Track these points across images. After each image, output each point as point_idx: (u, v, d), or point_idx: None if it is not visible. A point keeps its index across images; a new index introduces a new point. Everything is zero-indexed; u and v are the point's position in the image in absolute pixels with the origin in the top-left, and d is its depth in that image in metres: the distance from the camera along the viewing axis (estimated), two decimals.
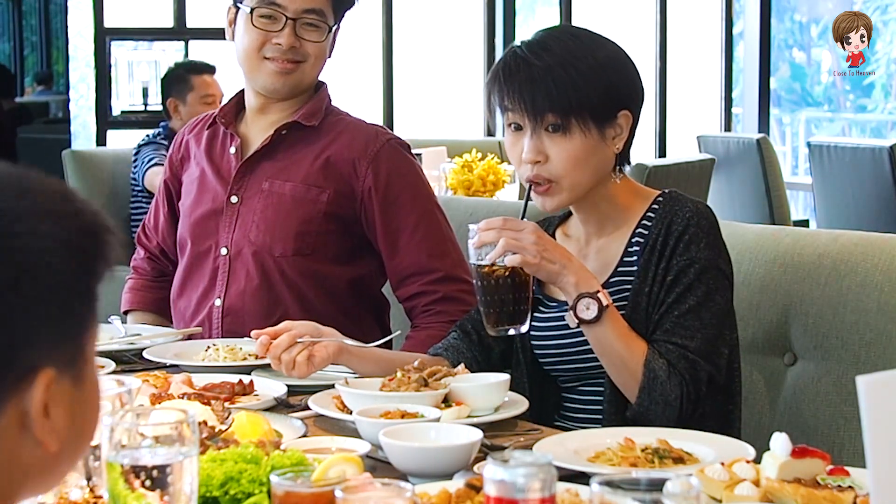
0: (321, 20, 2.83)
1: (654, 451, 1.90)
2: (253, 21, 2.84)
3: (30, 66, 11.22)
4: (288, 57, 2.82)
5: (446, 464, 1.85)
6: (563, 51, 2.25)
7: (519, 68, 2.26)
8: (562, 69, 2.24)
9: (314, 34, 2.83)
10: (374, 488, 1.47)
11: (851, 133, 11.63)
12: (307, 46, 2.83)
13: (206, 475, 1.64)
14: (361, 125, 2.89)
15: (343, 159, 2.82)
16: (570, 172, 2.27)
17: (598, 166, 2.29)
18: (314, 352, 2.36)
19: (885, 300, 2.36)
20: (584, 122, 2.24)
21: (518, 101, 2.25)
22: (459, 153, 5.13)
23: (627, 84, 2.31)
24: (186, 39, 7.21)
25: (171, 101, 5.72)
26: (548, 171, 2.27)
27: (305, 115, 2.85)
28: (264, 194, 2.84)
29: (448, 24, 7.98)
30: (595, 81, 2.25)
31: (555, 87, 2.23)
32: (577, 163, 2.26)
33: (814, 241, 2.51)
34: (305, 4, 2.82)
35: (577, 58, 2.24)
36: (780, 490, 1.67)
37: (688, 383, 2.18)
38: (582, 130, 2.25)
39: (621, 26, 8.10)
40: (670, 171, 5.35)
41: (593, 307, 2.18)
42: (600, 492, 1.31)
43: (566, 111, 2.24)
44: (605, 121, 2.27)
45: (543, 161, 2.27)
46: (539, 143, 2.26)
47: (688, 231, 2.25)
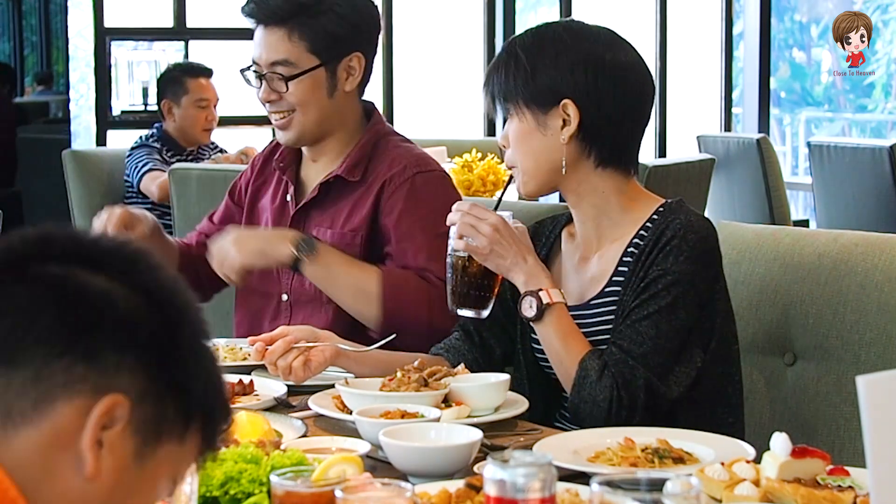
0: (287, 70, 2.79)
1: (654, 451, 1.90)
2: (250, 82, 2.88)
3: (30, 66, 11.22)
4: (274, 110, 2.83)
5: (446, 464, 1.86)
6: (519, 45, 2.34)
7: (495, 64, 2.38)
8: (513, 60, 2.33)
9: (281, 85, 2.80)
10: (374, 488, 1.47)
11: (851, 133, 11.63)
12: (287, 97, 2.81)
13: (206, 475, 1.64)
14: (397, 160, 2.82)
15: (371, 200, 2.79)
16: (515, 154, 2.35)
17: (540, 151, 2.32)
18: (311, 357, 2.36)
19: (885, 300, 2.36)
20: (517, 107, 2.32)
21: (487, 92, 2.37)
22: (459, 153, 5.13)
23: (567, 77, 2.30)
24: (186, 39, 7.21)
25: (166, 102, 5.69)
26: (509, 154, 2.37)
27: (348, 169, 2.81)
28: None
29: (448, 24, 7.98)
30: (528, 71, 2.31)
31: (503, 77, 2.33)
32: (518, 145, 2.34)
33: (814, 241, 2.51)
34: (271, 56, 2.81)
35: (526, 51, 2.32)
36: (780, 490, 1.67)
37: (619, 387, 2.17)
38: (517, 114, 2.33)
39: (621, 26, 8.09)
40: (670, 171, 5.34)
41: (534, 305, 2.24)
42: (600, 492, 1.31)
43: (504, 97, 2.33)
44: (539, 106, 2.31)
45: (506, 145, 2.37)
46: (504, 130, 2.38)
47: (671, 242, 2.23)
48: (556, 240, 2.45)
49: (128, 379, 1.14)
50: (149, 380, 1.15)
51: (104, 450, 1.12)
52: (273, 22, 2.80)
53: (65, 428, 1.12)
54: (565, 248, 2.43)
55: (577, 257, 2.39)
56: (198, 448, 1.21)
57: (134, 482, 1.15)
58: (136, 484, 1.15)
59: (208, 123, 5.70)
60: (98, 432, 1.12)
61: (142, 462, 1.15)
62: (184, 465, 1.21)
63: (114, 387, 1.12)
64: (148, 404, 1.15)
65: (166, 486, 1.20)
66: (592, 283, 2.35)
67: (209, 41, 7.26)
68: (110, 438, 1.12)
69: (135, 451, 1.14)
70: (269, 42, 2.81)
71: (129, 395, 1.13)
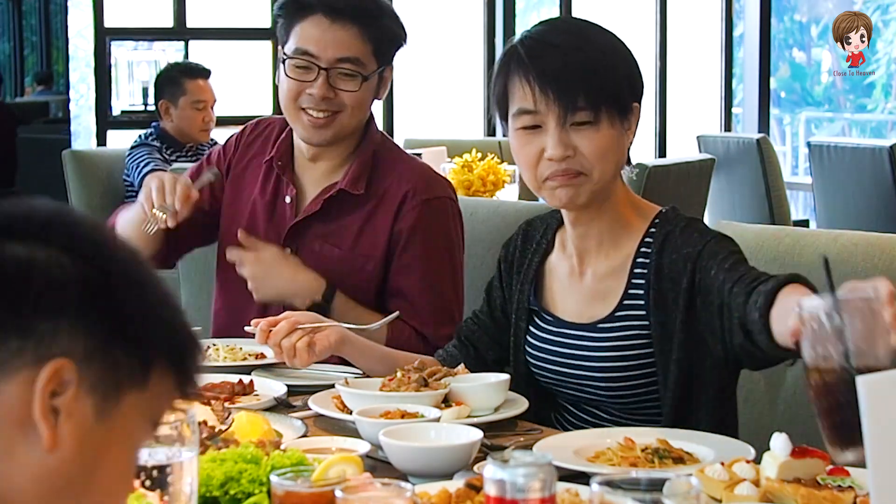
0: (357, 69, 2.72)
1: (654, 451, 1.90)
2: (286, 71, 2.75)
3: (30, 66, 11.23)
4: (322, 108, 2.72)
5: (446, 464, 1.86)
6: (597, 37, 2.19)
7: (547, 55, 2.16)
8: (601, 55, 2.16)
9: (349, 83, 2.72)
10: (374, 488, 1.47)
11: (851, 133, 11.63)
12: (343, 96, 2.72)
13: (206, 475, 1.64)
14: (405, 177, 2.76)
15: (384, 225, 2.74)
16: (600, 163, 2.17)
17: (619, 159, 2.22)
18: (315, 340, 2.33)
19: None
20: (611, 111, 2.17)
21: (540, 95, 2.15)
22: (459, 153, 5.13)
23: (639, 77, 2.24)
24: (186, 39, 7.22)
25: (163, 102, 5.70)
26: (579, 163, 2.17)
27: (351, 182, 2.74)
28: (315, 255, 2.75)
29: (448, 24, 7.98)
30: (621, 71, 2.19)
31: (590, 73, 2.15)
32: (606, 153, 2.17)
33: (814, 241, 2.51)
34: (339, 52, 2.71)
35: (609, 46, 2.19)
36: (780, 490, 1.67)
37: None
38: (609, 120, 2.17)
39: (621, 26, 8.09)
40: (670, 171, 5.34)
41: None
42: (600, 492, 1.32)
43: (597, 99, 2.15)
44: (624, 110, 2.20)
45: (573, 154, 2.17)
46: (566, 138, 2.16)
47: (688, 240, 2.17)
48: (549, 246, 2.37)
49: (68, 341, 1.11)
50: (91, 337, 1.12)
51: (61, 416, 1.10)
52: (346, 17, 2.71)
53: (13, 405, 1.10)
54: (558, 257, 2.35)
55: (568, 270, 2.32)
56: (173, 387, 1.18)
57: (101, 440, 1.13)
58: (105, 441, 1.13)
59: (205, 125, 5.71)
60: (48, 401, 1.09)
61: (105, 418, 1.13)
62: (158, 407, 1.19)
63: (54, 353, 1.10)
64: (96, 361, 1.12)
65: (144, 432, 1.18)
66: (595, 302, 2.27)
67: (209, 41, 7.26)
68: (65, 404, 1.10)
69: (95, 409, 1.12)
70: (339, 38, 2.71)
71: (72, 358, 1.10)
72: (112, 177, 5.68)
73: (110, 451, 1.14)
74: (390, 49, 2.79)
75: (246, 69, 7.30)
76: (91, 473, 1.13)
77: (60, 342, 1.10)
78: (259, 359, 2.61)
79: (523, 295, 2.36)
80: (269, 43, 7.26)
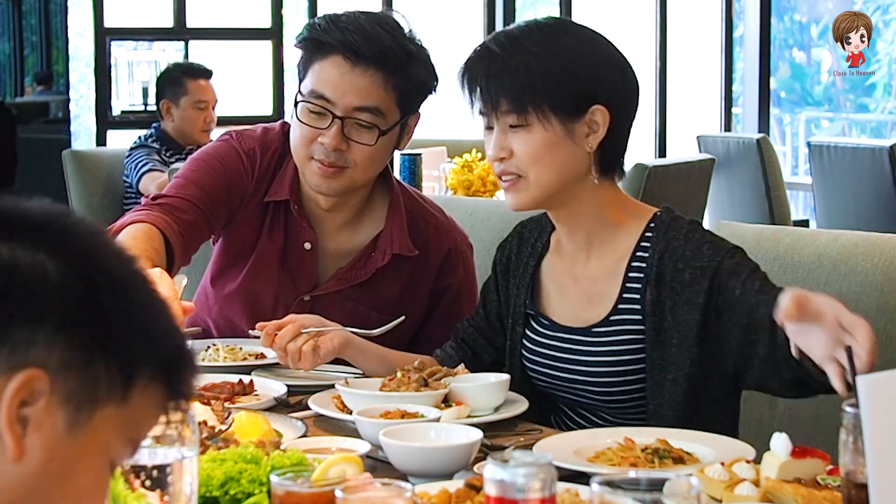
0: (374, 121, 2.51)
1: (654, 451, 1.90)
2: (299, 114, 2.54)
3: (30, 66, 11.21)
4: (331, 160, 2.51)
5: (446, 464, 1.85)
6: (527, 41, 2.16)
7: (479, 62, 2.19)
8: (520, 59, 2.15)
9: (364, 135, 2.51)
10: (374, 488, 1.47)
11: (851, 133, 11.63)
12: (355, 150, 2.52)
13: (206, 475, 1.64)
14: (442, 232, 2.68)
15: (426, 282, 2.66)
16: (533, 167, 2.16)
17: (566, 163, 2.17)
18: (320, 343, 2.33)
19: (885, 300, 2.36)
20: (542, 115, 2.15)
21: (480, 97, 2.18)
22: (459, 153, 5.13)
23: (602, 79, 2.18)
24: (186, 39, 7.22)
25: (165, 102, 5.72)
26: (514, 165, 2.18)
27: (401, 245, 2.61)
28: (347, 313, 2.58)
29: (448, 23, 7.98)
30: (557, 72, 2.15)
31: (509, 77, 2.14)
32: (540, 157, 2.16)
33: (814, 241, 2.51)
34: (358, 101, 2.50)
35: (541, 48, 2.15)
36: (780, 490, 1.67)
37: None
38: (541, 122, 2.15)
39: (621, 26, 8.09)
40: (670, 171, 5.34)
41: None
42: (600, 492, 1.31)
43: (521, 102, 2.14)
44: (570, 114, 2.16)
45: (508, 157, 2.18)
46: (503, 139, 2.18)
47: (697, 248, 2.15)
48: (544, 248, 2.36)
49: (44, 351, 1.07)
50: (70, 348, 1.08)
51: (30, 427, 1.07)
52: (369, 62, 2.50)
53: None
54: (553, 260, 2.34)
55: (563, 272, 2.31)
56: (158, 402, 1.15)
57: (72, 452, 1.10)
58: (75, 453, 1.10)
59: (207, 125, 5.73)
60: (15, 411, 1.06)
61: (78, 431, 1.09)
62: (139, 422, 1.15)
63: (28, 362, 1.06)
64: (73, 373, 1.08)
65: (121, 446, 1.14)
66: (590, 305, 2.26)
67: (209, 41, 7.26)
68: (34, 415, 1.07)
69: (66, 422, 1.08)
70: (359, 84, 2.50)
71: (47, 368, 1.07)
72: (112, 177, 5.69)
73: (80, 463, 1.11)
74: (416, 99, 2.60)
75: (246, 69, 7.31)
76: (59, 486, 1.10)
77: (36, 351, 1.07)
78: (259, 359, 2.61)
79: (519, 298, 2.35)
80: (270, 43, 7.27)
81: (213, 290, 2.79)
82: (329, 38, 2.51)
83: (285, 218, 2.67)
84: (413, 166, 5.19)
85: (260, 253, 2.69)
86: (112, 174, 5.69)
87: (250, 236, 2.69)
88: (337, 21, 2.53)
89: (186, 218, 2.57)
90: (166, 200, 2.59)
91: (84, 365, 1.09)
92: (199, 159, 2.70)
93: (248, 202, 2.68)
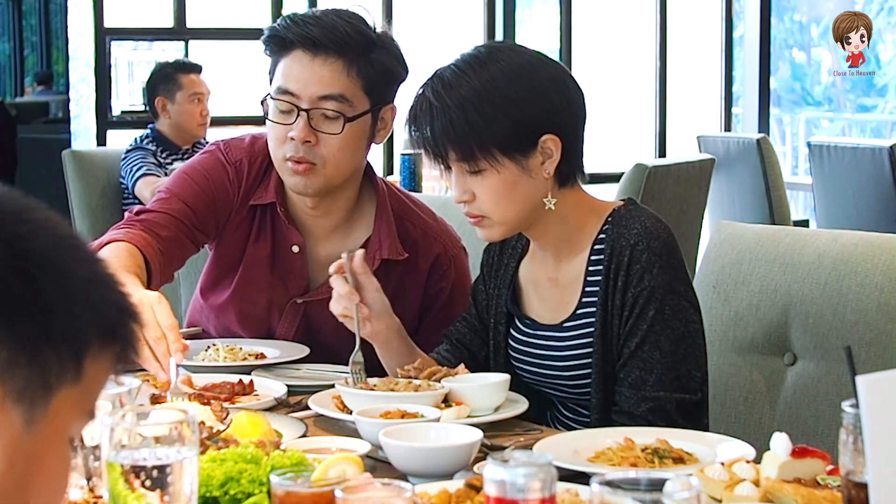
0: (340, 109, 2.51)
1: (654, 451, 1.90)
2: (269, 114, 2.56)
3: (30, 66, 11.22)
4: (301, 155, 2.52)
5: (446, 464, 1.86)
6: (461, 85, 2.17)
7: (420, 115, 2.21)
8: (457, 107, 2.16)
9: (331, 125, 2.51)
10: (374, 488, 1.47)
11: (851, 133, 11.63)
12: (323, 145, 2.52)
13: (206, 475, 1.64)
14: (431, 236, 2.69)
15: (417, 285, 2.67)
16: (496, 208, 2.20)
17: (527, 196, 2.20)
18: (370, 317, 2.33)
19: (885, 300, 2.36)
20: (493, 158, 2.17)
21: (428, 148, 2.21)
22: None
23: (544, 107, 2.19)
24: (186, 39, 7.22)
25: (160, 99, 5.74)
26: (478, 207, 2.22)
27: (390, 249, 2.61)
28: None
29: (448, 24, 7.98)
30: (497, 113, 2.15)
31: (452, 128, 2.16)
32: (500, 198, 2.19)
33: (814, 241, 2.51)
34: (321, 90, 2.50)
35: (476, 90, 2.16)
36: (780, 490, 1.67)
37: (654, 423, 2.14)
38: (493, 167, 2.17)
39: (621, 26, 8.09)
40: (670, 170, 5.34)
41: None
42: (600, 492, 1.31)
43: (469, 150, 2.16)
44: (520, 151, 2.18)
45: (470, 199, 2.21)
46: (463, 182, 2.21)
47: (640, 259, 2.18)
48: (524, 250, 2.39)
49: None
50: (14, 345, 1.02)
51: None
52: (329, 51, 2.52)
53: None
54: (530, 263, 2.38)
55: (540, 274, 2.35)
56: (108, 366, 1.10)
57: (34, 448, 1.05)
58: (38, 447, 1.05)
59: (203, 118, 5.79)
60: None
61: (35, 425, 1.04)
62: (94, 392, 1.10)
63: None
64: (21, 368, 1.02)
65: (80, 423, 1.10)
66: (563, 303, 2.30)
67: (209, 41, 7.26)
68: None
69: (23, 420, 1.03)
70: (321, 74, 2.51)
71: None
72: (112, 177, 5.69)
73: (45, 455, 1.07)
74: (386, 86, 2.59)
75: (246, 69, 7.30)
76: (27, 482, 1.06)
77: None
78: (259, 359, 2.61)
79: (500, 299, 2.39)
80: None
81: (207, 299, 2.80)
82: (289, 34, 2.54)
83: (272, 222, 2.69)
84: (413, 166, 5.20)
85: (249, 259, 2.70)
86: (112, 174, 5.70)
87: (239, 244, 2.71)
88: (296, 18, 2.57)
89: (168, 234, 2.59)
90: (148, 216, 2.61)
91: (31, 358, 1.03)
92: (184, 173, 2.72)
93: (236, 213, 2.69)
